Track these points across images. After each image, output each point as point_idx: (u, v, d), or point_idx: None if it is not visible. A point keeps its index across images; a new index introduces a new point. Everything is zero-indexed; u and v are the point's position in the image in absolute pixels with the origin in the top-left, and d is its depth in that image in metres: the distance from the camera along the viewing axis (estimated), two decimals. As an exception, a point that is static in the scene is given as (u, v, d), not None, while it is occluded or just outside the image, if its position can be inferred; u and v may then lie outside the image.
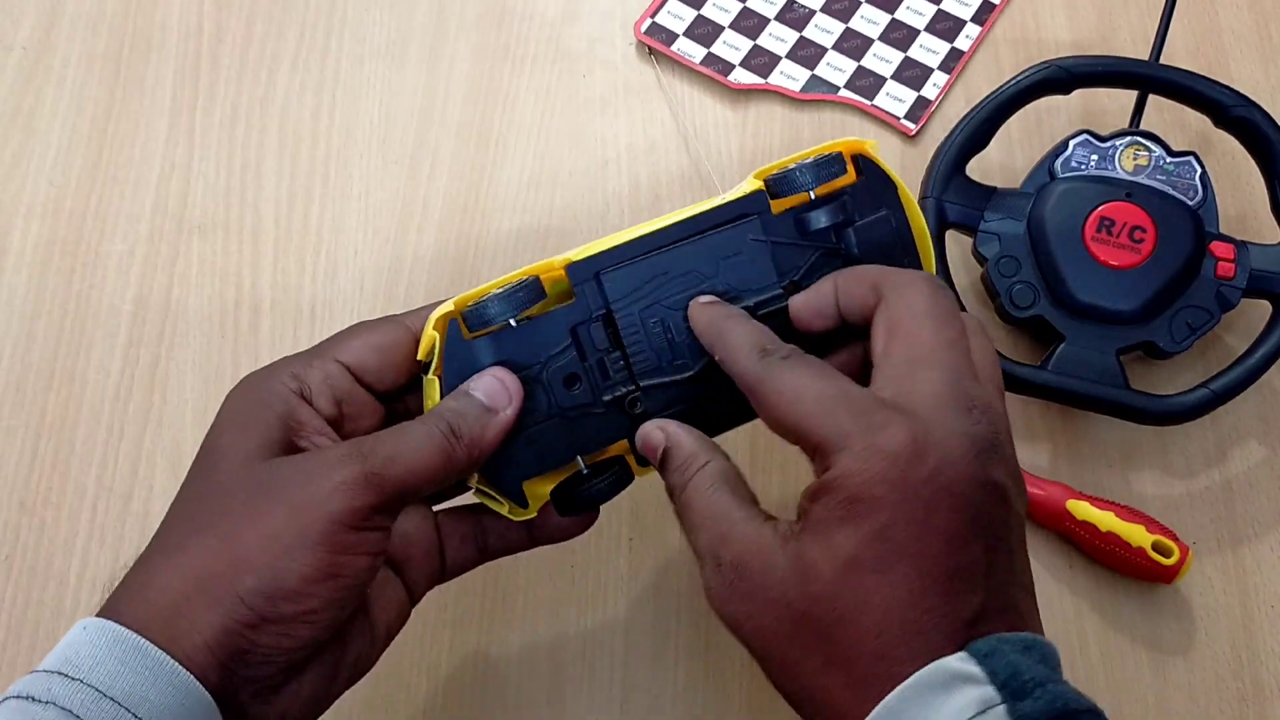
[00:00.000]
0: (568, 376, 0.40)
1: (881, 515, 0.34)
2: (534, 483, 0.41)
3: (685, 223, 0.41)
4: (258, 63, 0.64)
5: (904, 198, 0.43)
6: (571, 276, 0.41)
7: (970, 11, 0.65)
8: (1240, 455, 0.55)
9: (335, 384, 0.39)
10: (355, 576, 0.35)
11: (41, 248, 0.59)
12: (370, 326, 0.41)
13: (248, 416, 0.38)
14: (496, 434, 0.39)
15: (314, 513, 0.35)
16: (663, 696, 0.51)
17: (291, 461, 0.36)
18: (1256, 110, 0.54)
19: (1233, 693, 0.51)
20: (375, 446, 0.36)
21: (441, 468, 0.37)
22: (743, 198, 0.42)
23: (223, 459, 0.37)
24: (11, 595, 0.52)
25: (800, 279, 0.42)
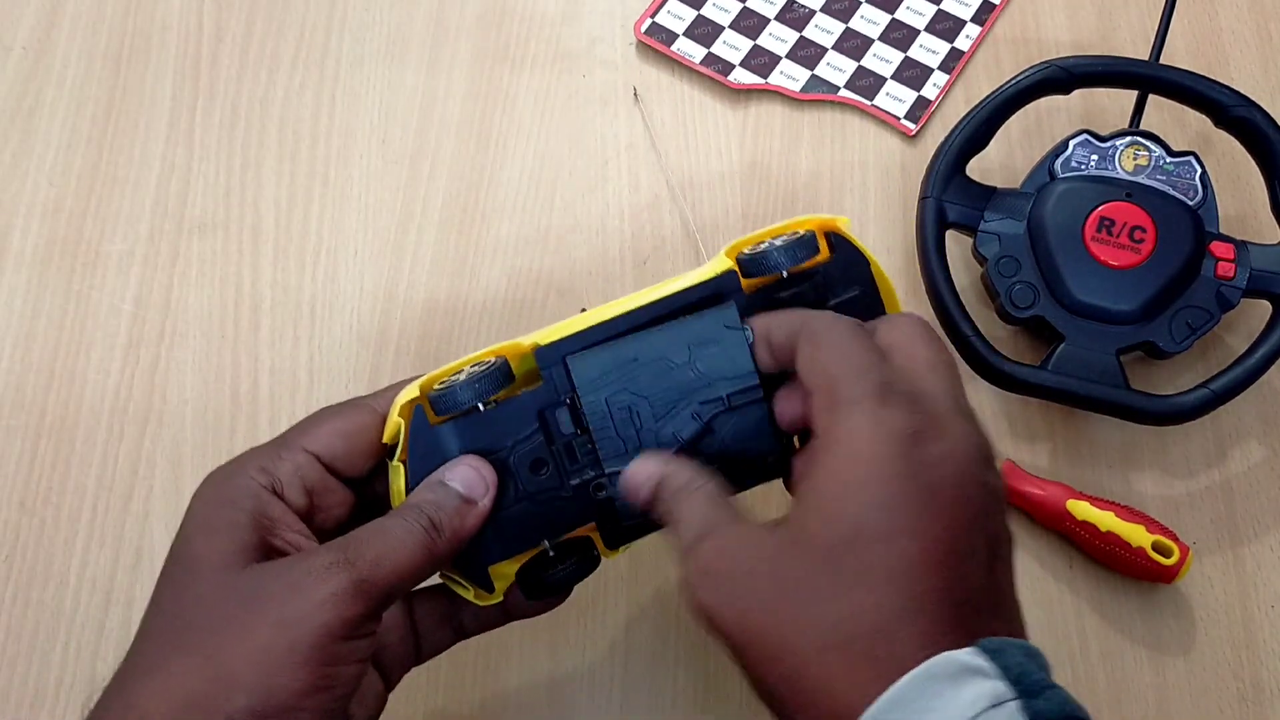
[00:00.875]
0: (534, 461, 0.40)
1: (889, 486, 0.33)
2: (499, 565, 0.41)
3: (656, 304, 0.40)
4: (257, 63, 0.64)
5: (877, 274, 0.43)
6: (539, 361, 0.40)
7: (970, 11, 0.65)
8: (1240, 455, 0.55)
9: (305, 475, 0.38)
10: (346, 685, 0.35)
11: (41, 248, 0.59)
12: (336, 413, 0.40)
13: (218, 519, 0.36)
14: (475, 524, 0.38)
15: (304, 626, 0.33)
16: (663, 696, 0.51)
17: (274, 571, 0.35)
18: (1256, 110, 0.54)
19: (1233, 693, 0.51)
20: (360, 550, 0.35)
21: (425, 564, 0.37)
22: (715, 278, 0.41)
23: (198, 568, 0.35)
24: (11, 595, 0.52)
25: None
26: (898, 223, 0.60)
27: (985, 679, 0.30)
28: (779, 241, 0.41)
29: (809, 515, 0.34)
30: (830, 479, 0.34)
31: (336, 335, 0.58)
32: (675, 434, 0.39)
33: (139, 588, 0.53)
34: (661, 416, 0.40)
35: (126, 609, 0.52)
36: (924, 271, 0.54)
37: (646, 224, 0.60)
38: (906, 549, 0.33)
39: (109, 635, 0.52)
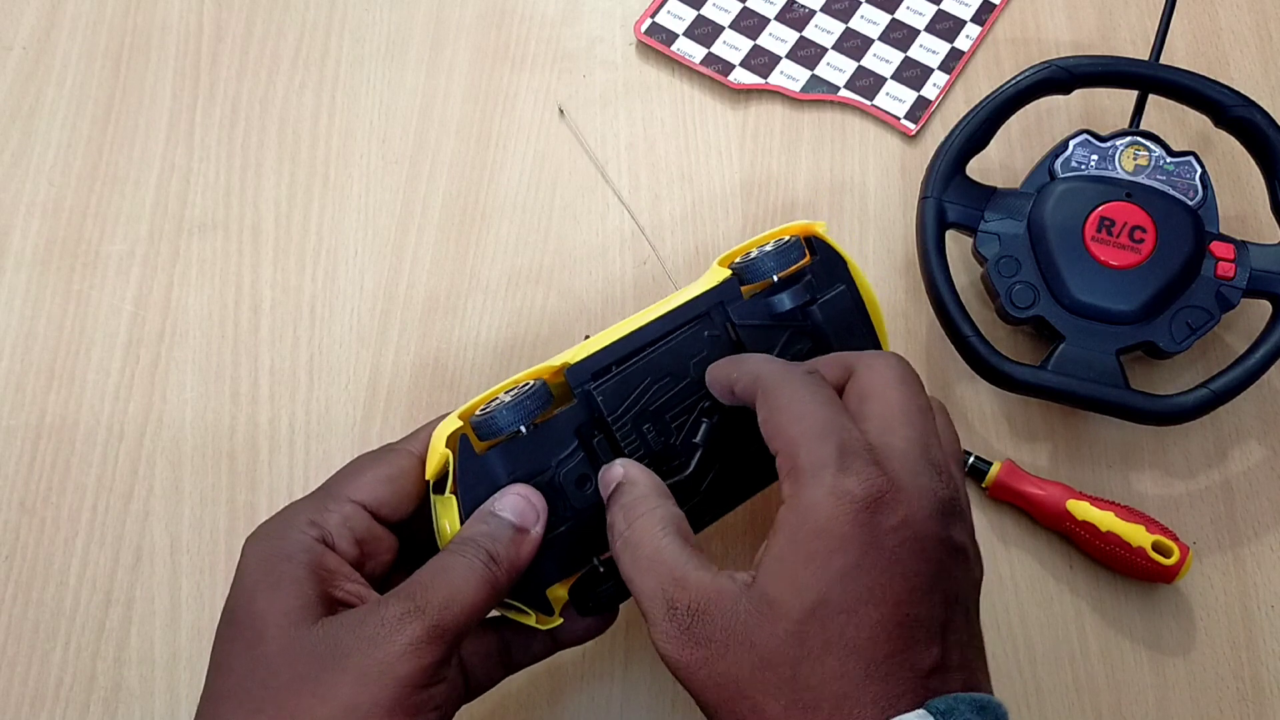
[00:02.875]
0: (580, 478, 0.41)
1: (849, 556, 0.34)
2: (553, 588, 0.41)
3: (664, 319, 0.43)
4: (258, 63, 0.64)
5: (854, 271, 0.47)
6: (570, 379, 0.42)
7: (970, 11, 0.65)
8: (1240, 455, 0.55)
9: (354, 525, 0.38)
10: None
11: (41, 248, 0.59)
12: (376, 459, 0.40)
13: (277, 574, 0.36)
14: (530, 552, 0.38)
15: (384, 679, 0.33)
16: (663, 696, 0.51)
17: (347, 625, 0.35)
18: (1256, 110, 0.54)
19: (1233, 692, 0.51)
20: (428, 595, 0.35)
21: (491, 599, 0.37)
22: (716, 287, 0.44)
23: (263, 626, 0.35)
24: (12, 595, 0.52)
25: None
26: (898, 223, 0.60)
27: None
28: (769, 248, 0.45)
29: (777, 583, 0.35)
30: (795, 549, 0.35)
31: (336, 335, 0.58)
32: (694, 441, 0.43)
33: (139, 588, 0.53)
34: (681, 429, 0.43)
35: (126, 609, 0.52)
36: (924, 271, 0.54)
37: (646, 224, 0.60)
38: (867, 617, 0.34)
39: (109, 635, 0.52)
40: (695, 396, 0.43)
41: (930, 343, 0.57)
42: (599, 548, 0.41)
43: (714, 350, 0.43)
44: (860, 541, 0.34)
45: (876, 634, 0.34)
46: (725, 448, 0.43)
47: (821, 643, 0.34)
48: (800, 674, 0.34)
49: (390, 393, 0.56)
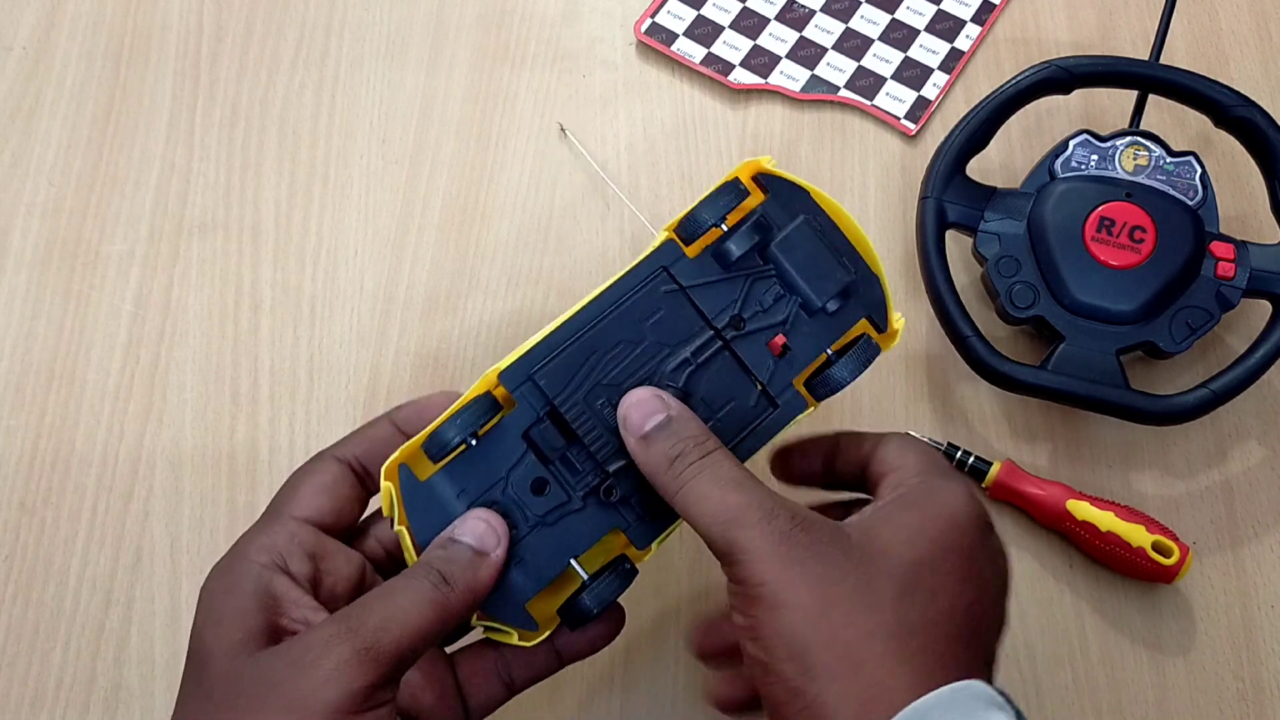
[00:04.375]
0: (535, 482, 0.39)
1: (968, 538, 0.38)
2: (538, 602, 0.39)
3: (602, 297, 0.40)
4: (258, 63, 0.64)
5: (819, 199, 0.42)
6: (506, 384, 0.39)
7: (970, 11, 0.65)
8: (1240, 455, 0.55)
9: (303, 540, 0.38)
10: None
11: (41, 248, 0.59)
12: (309, 472, 0.40)
13: (221, 608, 0.36)
14: (490, 575, 0.37)
15: (312, 707, 0.33)
16: (663, 696, 0.51)
17: (277, 654, 0.34)
18: (1256, 110, 0.54)
19: (1233, 692, 0.51)
20: (362, 617, 0.34)
21: (438, 621, 0.35)
22: (652, 253, 0.41)
23: (207, 660, 0.35)
24: (11, 595, 0.52)
25: (741, 312, 0.41)
26: (898, 222, 0.60)
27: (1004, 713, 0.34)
28: (704, 198, 0.41)
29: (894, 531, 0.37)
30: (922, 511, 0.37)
31: (336, 335, 0.58)
32: None
33: (139, 588, 0.53)
34: None
35: (126, 609, 0.52)
36: (924, 271, 0.54)
37: (646, 224, 0.60)
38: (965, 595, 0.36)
39: (109, 635, 0.52)
40: (657, 360, 0.40)
41: (930, 342, 0.57)
42: (574, 549, 0.39)
43: (670, 306, 0.40)
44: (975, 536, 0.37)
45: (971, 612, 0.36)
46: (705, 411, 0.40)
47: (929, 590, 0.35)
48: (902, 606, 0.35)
49: (390, 393, 0.56)
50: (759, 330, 0.41)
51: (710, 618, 0.43)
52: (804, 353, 0.41)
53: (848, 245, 0.42)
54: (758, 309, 0.41)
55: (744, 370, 0.41)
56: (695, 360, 0.40)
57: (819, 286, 0.41)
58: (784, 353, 0.41)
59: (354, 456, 0.40)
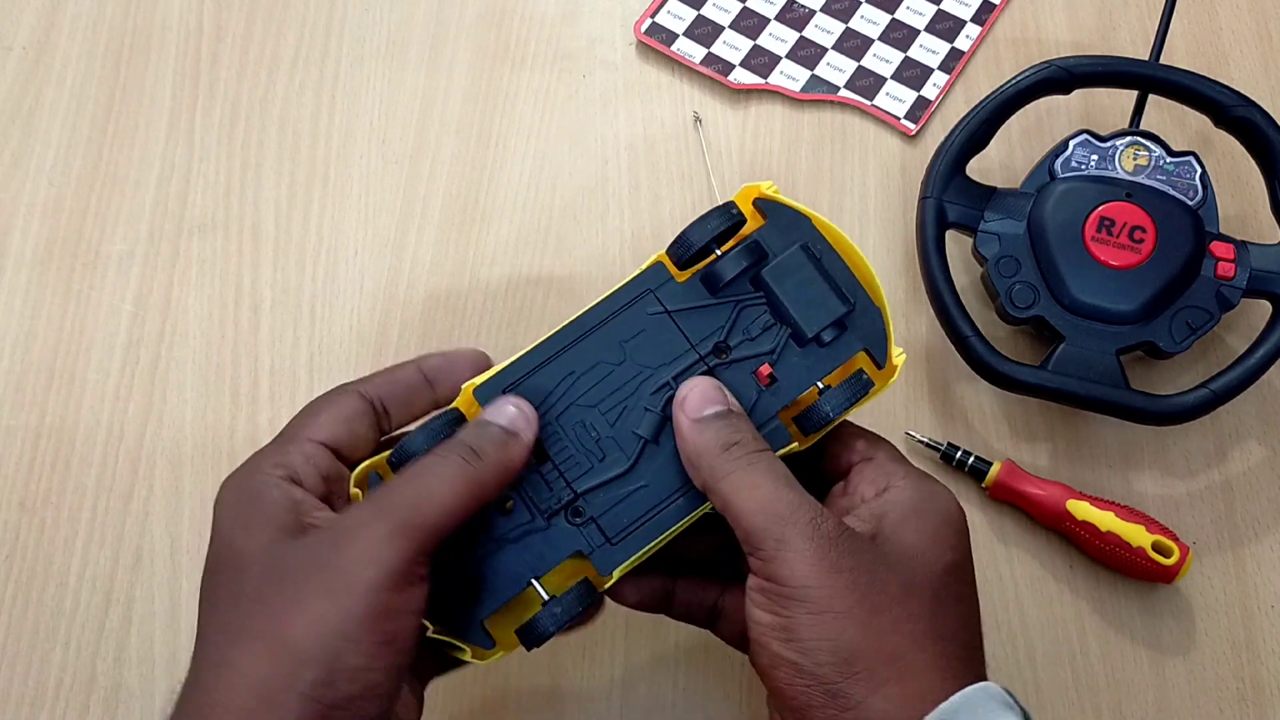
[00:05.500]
0: (502, 499, 0.39)
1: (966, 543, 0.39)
2: (496, 620, 0.39)
3: (585, 316, 0.40)
4: (257, 63, 0.64)
5: (821, 226, 0.41)
6: (480, 400, 0.39)
7: (970, 11, 0.65)
8: (1240, 455, 0.55)
9: (318, 462, 0.38)
10: (406, 639, 0.35)
11: (41, 248, 0.59)
12: (330, 401, 0.40)
13: (251, 513, 0.36)
14: (521, 454, 0.38)
15: (354, 586, 0.33)
16: (663, 696, 0.51)
17: (316, 538, 0.35)
18: (1256, 110, 0.54)
19: (1232, 692, 0.51)
20: (395, 497, 0.35)
21: (470, 495, 0.36)
22: (640, 275, 0.40)
23: (242, 561, 0.35)
24: (11, 595, 0.52)
25: (726, 339, 0.40)
26: (898, 223, 0.60)
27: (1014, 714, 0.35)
28: (696, 219, 0.40)
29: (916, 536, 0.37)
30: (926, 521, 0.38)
31: (336, 335, 0.58)
32: (634, 431, 0.39)
33: (139, 588, 0.53)
34: (616, 420, 0.39)
35: (126, 609, 0.52)
36: (924, 271, 0.54)
37: (646, 224, 0.60)
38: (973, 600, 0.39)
39: (109, 635, 0.52)
40: (637, 383, 0.39)
41: (930, 342, 0.57)
42: (537, 569, 0.39)
43: (655, 329, 0.39)
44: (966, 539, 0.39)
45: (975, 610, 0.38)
46: None
47: (955, 596, 0.37)
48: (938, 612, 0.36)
49: (390, 393, 0.56)
50: (745, 359, 0.40)
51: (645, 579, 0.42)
52: (792, 385, 0.40)
53: (848, 275, 0.41)
54: (744, 337, 0.40)
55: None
56: (676, 385, 0.39)
57: (810, 316, 0.40)
58: (771, 383, 0.40)
59: (375, 395, 0.40)
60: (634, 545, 0.39)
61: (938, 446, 0.54)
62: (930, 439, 0.54)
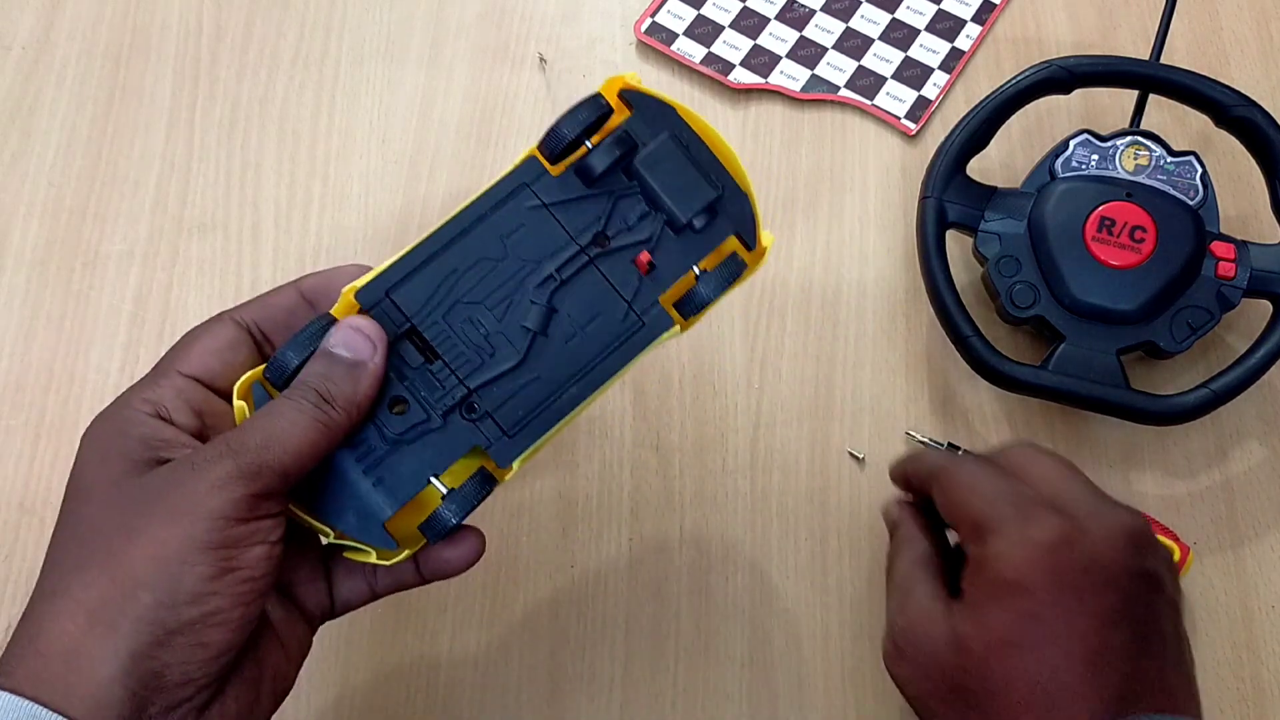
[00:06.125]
0: (392, 400, 0.38)
1: (1034, 598, 0.38)
2: (398, 520, 0.39)
3: (462, 214, 0.40)
4: (257, 62, 0.64)
5: (686, 116, 0.41)
6: (363, 303, 0.39)
7: (971, 11, 0.65)
8: (1241, 455, 0.55)
9: (189, 397, 0.38)
10: (254, 567, 0.34)
11: (41, 248, 0.59)
12: (202, 331, 0.40)
13: (107, 447, 0.36)
14: (370, 384, 0.37)
15: (196, 513, 0.33)
16: (663, 697, 0.51)
17: (161, 473, 0.35)
18: (1257, 110, 0.54)
19: (1233, 693, 0.51)
20: (244, 438, 0.35)
21: (321, 439, 0.36)
22: (513, 170, 0.40)
23: (89, 491, 0.35)
24: (11, 595, 0.52)
25: (605, 229, 0.40)
26: (898, 222, 0.60)
27: None
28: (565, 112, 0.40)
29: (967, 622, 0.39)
30: (984, 592, 0.39)
31: (336, 335, 0.57)
32: (522, 324, 0.39)
33: (139, 588, 0.52)
34: (504, 315, 0.39)
35: (126, 609, 0.52)
36: (924, 271, 0.54)
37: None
38: (1051, 655, 0.37)
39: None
40: (520, 277, 0.39)
41: (931, 342, 0.57)
42: (436, 467, 0.39)
43: (533, 223, 0.40)
44: (1047, 584, 0.38)
45: (1057, 670, 0.37)
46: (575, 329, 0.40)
47: (1003, 679, 0.37)
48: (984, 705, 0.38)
49: (390, 393, 0.56)
50: (624, 248, 0.40)
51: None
52: (670, 270, 0.40)
53: (715, 162, 0.41)
54: (622, 226, 0.40)
55: (610, 287, 0.40)
56: (560, 277, 0.40)
57: (683, 202, 0.40)
58: (650, 270, 0.40)
59: (253, 320, 0.40)
60: (531, 435, 0.39)
61: (938, 446, 0.54)
62: (931, 439, 0.54)
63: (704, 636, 0.52)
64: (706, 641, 0.52)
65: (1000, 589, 0.38)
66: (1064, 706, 0.36)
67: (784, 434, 0.55)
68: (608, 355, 0.40)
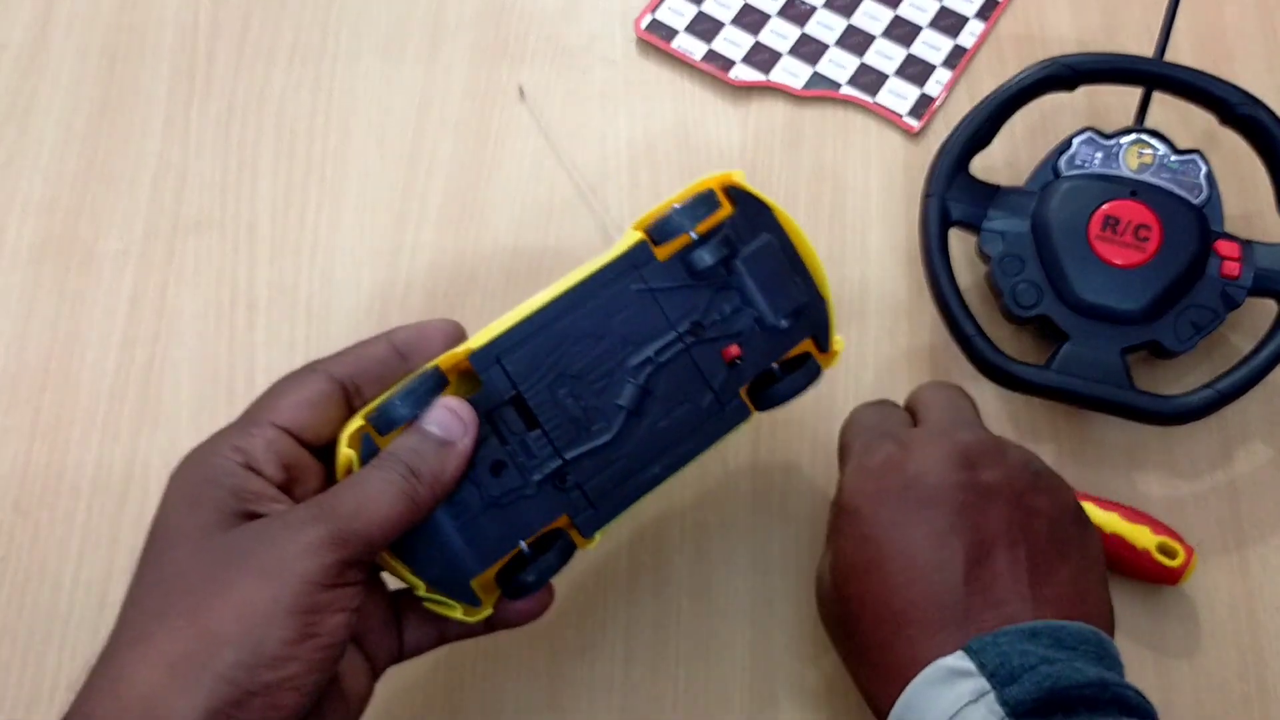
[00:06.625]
0: (494, 464, 0.40)
1: (863, 521, 0.40)
2: (481, 577, 0.40)
3: (574, 290, 0.42)
4: (254, 59, 0.63)
5: (781, 218, 0.44)
6: (476, 365, 0.40)
7: (974, 8, 0.64)
8: (1246, 456, 0.55)
9: (279, 449, 0.38)
10: (333, 634, 0.35)
11: (36, 246, 0.59)
12: (296, 382, 0.40)
13: (197, 493, 0.36)
14: (457, 466, 0.38)
15: (285, 575, 0.34)
16: (663, 697, 0.50)
17: (252, 529, 0.35)
18: (1262, 108, 0.53)
19: (1237, 695, 0.50)
20: (336, 504, 0.36)
21: (407, 513, 0.37)
22: (626, 252, 0.42)
23: (177, 538, 0.36)
24: (6, 597, 0.52)
25: (702, 319, 0.43)
26: (900, 221, 0.59)
27: (969, 678, 0.35)
28: (678, 205, 0.43)
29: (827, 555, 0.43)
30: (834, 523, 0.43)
31: (333, 335, 0.57)
32: (616, 402, 0.41)
33: (134, 590, 0.52)
34: (602, 391, 0.41)
35: (122, 611, 0.52)
36: (927, 270, 0.53)
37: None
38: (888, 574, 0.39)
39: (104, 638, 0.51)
40: (621, 356, 0.41)
41: (933, 342, 0.57)
42: (522, 532, 0.40)
43: (639, 306, 0.42)
44: (869, 510, 0.40)
45: (896, 587, 0.38)
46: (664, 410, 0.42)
47: (856, 604, 0.40)
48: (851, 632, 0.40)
49: (388, 393, 0.56)
50: (716, 339, 0.43)
51: None
52: (753, 365, 0.43)
53: (801, 266, 0.45)
54: (717, 317, 0.43)
55: (699, 375, 0.43)
56: (657, 360, 0.42)
57: (776, 304, 0.43)
58: (736, 362, 0.43)
59: (347, 374, 0.40)
60: (614, 509, 0.42)
61: (941, 447, 0.54)
62: (933, 439, 0.54)
63: (704, 637, 0.51)
64: (707, 642, 0.51)
65: (840, 516, 0.41)
66: (908, 625, 0.38)
67: (785, 434, 0.55)
68: (689, 438, 0.43)
